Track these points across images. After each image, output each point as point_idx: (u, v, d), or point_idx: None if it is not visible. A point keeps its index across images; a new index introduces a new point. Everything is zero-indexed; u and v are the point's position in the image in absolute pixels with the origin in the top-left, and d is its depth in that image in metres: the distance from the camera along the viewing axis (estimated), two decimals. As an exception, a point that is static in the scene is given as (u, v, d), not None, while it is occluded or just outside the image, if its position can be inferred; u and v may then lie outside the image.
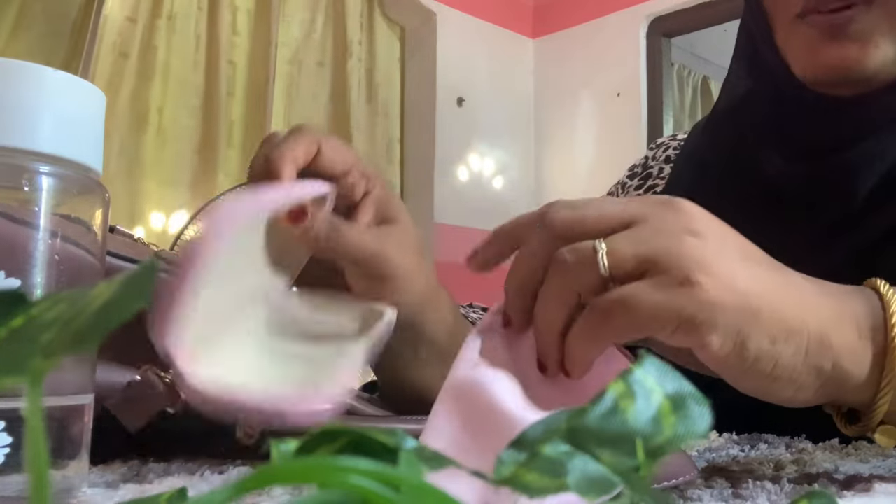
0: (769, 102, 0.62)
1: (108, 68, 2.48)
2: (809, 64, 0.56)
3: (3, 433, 0.27)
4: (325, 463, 0.11)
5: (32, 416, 0.12)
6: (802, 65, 0.56)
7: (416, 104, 3.18)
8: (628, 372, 0.16)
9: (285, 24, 2.84)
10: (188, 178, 2.63)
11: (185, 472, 0.36)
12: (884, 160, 0.55)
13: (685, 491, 0.31)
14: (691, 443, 0.45)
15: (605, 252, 0.33)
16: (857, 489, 0.32)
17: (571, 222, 0.34)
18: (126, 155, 2.51)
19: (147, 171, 2.56)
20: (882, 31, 0.53)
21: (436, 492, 0.11)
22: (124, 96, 2.51)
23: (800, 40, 0.56)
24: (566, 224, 0.34)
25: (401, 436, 0.15)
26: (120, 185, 2.47)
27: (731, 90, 0.67)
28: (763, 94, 0.62)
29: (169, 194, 2.59)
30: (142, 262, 0.25)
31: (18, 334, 0.14)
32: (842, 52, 0.53)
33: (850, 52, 0.53)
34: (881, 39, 0.53)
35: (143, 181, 2.55)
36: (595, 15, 3.28)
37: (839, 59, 0.54)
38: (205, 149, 2.65)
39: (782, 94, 0.60)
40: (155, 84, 2.57)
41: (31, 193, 0.29)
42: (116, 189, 2.43)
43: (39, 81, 0.30)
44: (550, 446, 0.15)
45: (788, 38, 0.57)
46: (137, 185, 2.54)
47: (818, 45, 0.54)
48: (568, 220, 0.34)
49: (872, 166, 0.56)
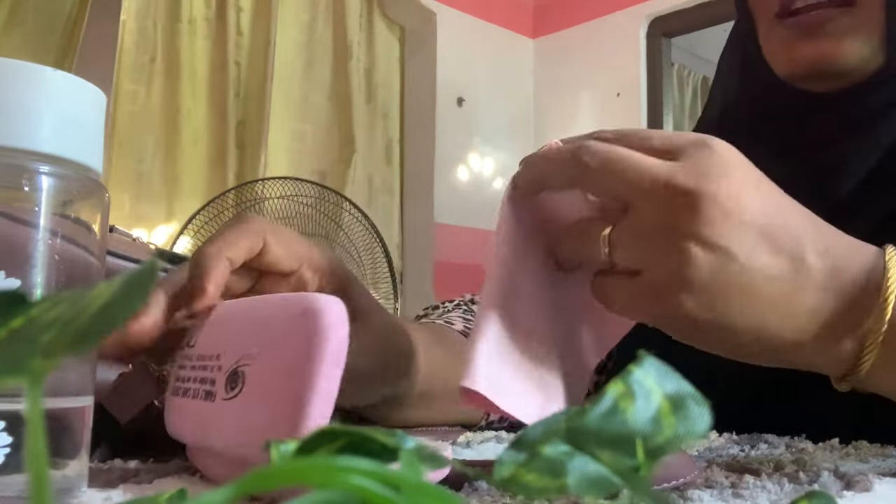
0: (754, 103, 0.63)
1: (130, 72, 2.51)
2: (786, 60, 0.58)
3: (3, 433, 0.27)
4: (325, 463, 0.11)
5: (32, 416, 0.12)
6: (780, 61, 0.58)
7: (416, 104, 3.18)
8: (628, 372, 0.16)
9: (285, 24, 2.84)
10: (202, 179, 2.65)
11: (185, 472, 0.36)
12: (864, 161, 0.56)
13: (685, 491, 0.31)
14: (691, 443, 0.46)
15: (605, 249, 0.36)
16: (857, 489, 0.32)
17: (606, 162, 0.35)
18: (160, 156, 2.55)
19: (181, 170, 2.60)
20: (857, 31, 0.55)
21: (436, 492, 0.11)
22: (155, 98, 2.55)
23: (777, 39, 0.58)
24: (601, 162, 0.35)
25: (401, 436, 0.15)
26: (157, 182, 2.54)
27: (719, 92, 0.68)
28: (749, 95, 0.63)
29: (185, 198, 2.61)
30: (142, 262, 0.25)
31: (18, 334, 0.14)
32: (816, 47, 0.55)
33: (824, 47, 0.55)
34: (856, 38, 0.55)
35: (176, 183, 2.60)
36: (595, 15, 3.28)
37: (814, 55, 0.55)
38: (214, 150, 2.67)
39: (766, 93, 0.61)
40: (182, 86, 2.60)
41: (31, 193, 0.29)
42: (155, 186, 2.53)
43: (39, 81, 0.30)
44: (550, 446, 0.15)
45: (768, 37, 0.59)
46: (173, 186, 2.59)
47: (794, 43, 0.56)
48: (603, 159, 0.35)
49: (853, 167, 0.57)
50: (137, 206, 2.52)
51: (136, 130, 2.51)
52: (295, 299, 0.32)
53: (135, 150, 2.51)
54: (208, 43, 2.69)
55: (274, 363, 0.30)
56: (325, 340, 0.29)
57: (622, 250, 0.35)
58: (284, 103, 2.84)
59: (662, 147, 0.35)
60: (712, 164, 0.34)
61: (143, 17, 2.54)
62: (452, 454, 0.43)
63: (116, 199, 2.47)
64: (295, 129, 2.88)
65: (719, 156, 0.35)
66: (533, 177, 0.38)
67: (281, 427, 0.28)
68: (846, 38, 0.55)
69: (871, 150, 0.56)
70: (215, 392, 0.32)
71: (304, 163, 2.86)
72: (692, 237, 0.34)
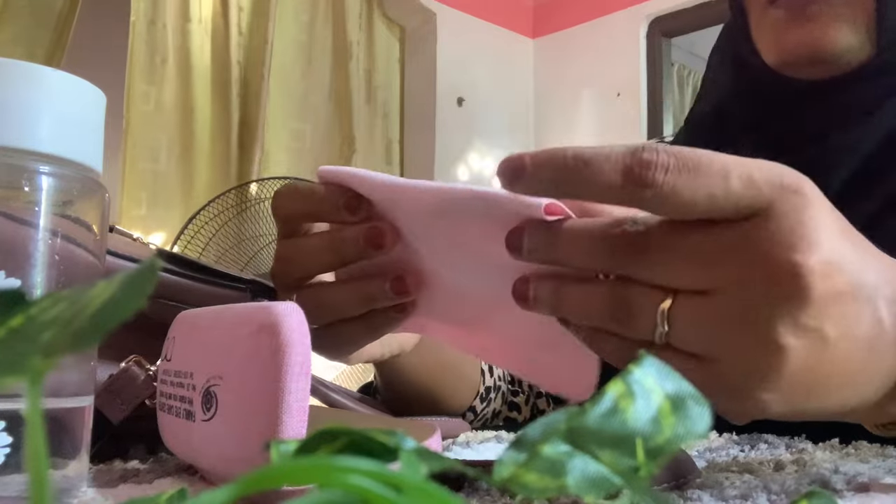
0: (747, 97, 0.63)
1: (143, 72, 2.52)
2: (775, 47, 0.58)
3: (3, 433, 0.27)
4: (325, 463, 0.11)
5: (32, 416, 0.12)
6: (769, 48, 0.59)
7: (416, 104, 3.17)
8: (628, 372, 0.16)
9: (285, 24, 2.84)
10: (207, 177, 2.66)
11: (185, 472, 0.36)
12: (855, 154, 0.56)
13: (685, 491, 0.31)
14: (691, 443, 0.46)
15: (663, 334, 0.29)
16: (856, 489, 0.32)
17: (674, 204, 0.27)
18: (174, 155, 2.57)
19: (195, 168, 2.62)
20: (845, 18, 0.55)
21: (436, 492, 0.11)
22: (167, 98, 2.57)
23: (767, 26, 0.58)
24: (672, 202, 0.27)
25: (401, 436, 0.15)
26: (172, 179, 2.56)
27: (712, 86, 0.68)
28: (741, 88, 0.64)
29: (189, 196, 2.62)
30: (142, 262, 0.25)
31: (18, 334, 0.14)
32: (803, 33, 0.56)
33: (811, 32, 0.55)
34: (843, 24, 0.55)
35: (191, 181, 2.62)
36: (595, 15, 3.28)
37: (801, 40, 0.56)
38: (221, 149, 2.67)
39: (758, 86, 0.61)
40: (192, 86, 2.62)
41: (31, 193, 0.29)
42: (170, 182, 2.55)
43: (39, 81, 0.30)
44: (550, 446, 0.15)
45: (759, 25, 0.60)
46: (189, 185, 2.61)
47: (782, 29, 0.57)
48: (675, 201, 0.27)
49: (843, 160, 0.57)
50: (154, 206, 2.53)
51: (150, 131, 2.53)
52: (252, 314, 0.30)
53: (149, 151, 2.53)
54: (214, 43, 2.69)
55: (241, 385, 0.30)
56: (286, 356, 0.28)
57: (688, 333, 0.28)
58: (284, 103, 2.84)
59: (744, 202, 0.27)
60: (809, 220, 0.27)
61: (151, 18, 2.55)
62: (453, 454, 0.43)
63: (132, 199, 2.48)
64: (295, 128, 2.88)
65: (811, 204, 0.28)
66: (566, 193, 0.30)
67: (259, 448, 0.28)
68: (834, 24, 0.55)
69: (863, 143, 0.56)
70: (194, 413, 0.32)
71: (303, 163, 2.86)
72: (787, 325, 0.27)
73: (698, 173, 0.27)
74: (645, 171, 0.27)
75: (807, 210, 0.28)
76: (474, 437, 0.50)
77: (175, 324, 0.36)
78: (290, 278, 0.39)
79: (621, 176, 0.27)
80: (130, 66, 2.48)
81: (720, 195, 0.27)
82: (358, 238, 0.36)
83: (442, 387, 0.59)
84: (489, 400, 0.65)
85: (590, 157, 0.28)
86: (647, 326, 0.29)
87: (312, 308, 0.38)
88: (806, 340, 0.27)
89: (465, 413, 0.63)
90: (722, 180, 0.27)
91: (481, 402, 0.64)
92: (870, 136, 0.56)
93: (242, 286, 0.49)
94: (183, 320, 0.36)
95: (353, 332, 0.40)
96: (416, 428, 0.38)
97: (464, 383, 0.62)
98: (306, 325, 0.29)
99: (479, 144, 3.28)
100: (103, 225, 0.33)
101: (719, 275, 0.28)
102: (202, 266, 0.48)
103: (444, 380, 0.59)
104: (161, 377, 0.36)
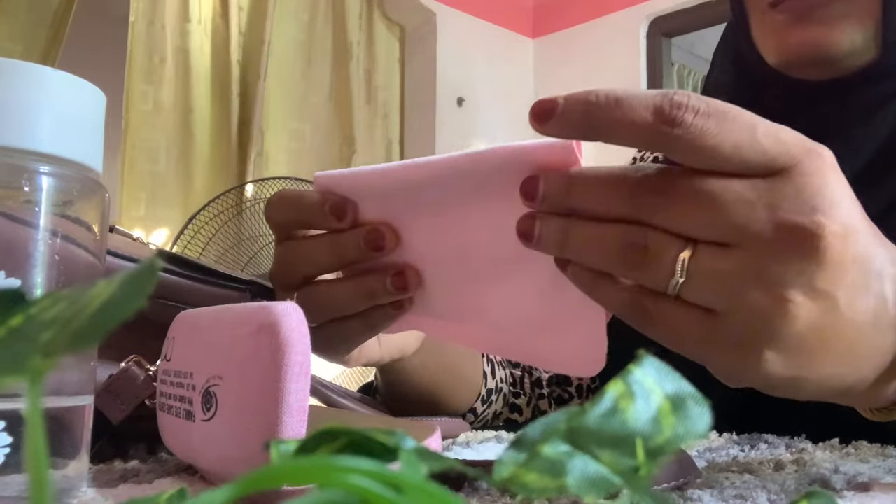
0: (749, 98, 0.63)
1: (142, 72, 2.52)
2: (778, 48, 0.57)
3: (3, 433, 0.27)
4: (325, 463, 0.11)
5: (32, 416, 0.12)
6: (771, 49, 0.58)
7: (416, 104, 3.17)
8: (628, 372, 0.16)
9: (285, 24, 2.84)
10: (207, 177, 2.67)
11: (185, 472, 0.36)
12: (857, 155, 0.56)
13: (685, 491, 0.31)
14: (691, 443, 0.46)
15: (679, 284, 0.29)
16: (856, 489, 0.32)
17: (701, 147, 0.28)
18: (174, 155, 2.58)
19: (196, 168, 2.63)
20: (850, 19, 0.54)
21: (436, 492, 0.11)
22: (165, 98, 2.58)
23: (769, 27, 0.58)
24: (698, 146, 0.28)
25: (401, 436, 0.15)
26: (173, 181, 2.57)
27: (712, 86, 0.68)
28: (743, 89, 0.63)
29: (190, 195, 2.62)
30: (142, 262, 0.25)
31: (18, 333, 0.14)
32: (807, 33, 0.55)
33: (816, 33, 0.55)
34: (847, 25, 0.54)
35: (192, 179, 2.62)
36: (595, 15, 3.28)
37: (805, 40, 0.55)
38: (221, 149, 2.68)
39: (760, 87, 0.61)
40: (191, 86, 2.63)
41: (31, 193, 0.29)
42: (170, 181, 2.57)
43: (39, 81, 0.30)
44: (550, 446, 0.15)
45: (760, 27, 0.59)
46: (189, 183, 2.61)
47: (786, 30, 0.56)
48: (701, 144, 0.28)
49: (847, 162, 0.56)
50: (153, 207, 2.54)
51: (150, 131, 2.53)
52: (252, 314, 0.30)
53: (148, 151, 2.53)
54: (213, 43, 2.70)
55: (240, 385, 0.30)
56: (286, 356, 0.28)
57: (704, 285, 0.29)
58: (284, 103, 2.84)
59: (769, 157, 0.28)
60: (833, 183, 0.28)
61: (151, 18, 2.55)
62: (453, 454, 0.43)
63: (132, 199, 2.47)
64: (294, 128, 2.89)
65: (834, 169, 0.29)
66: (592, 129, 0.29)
67: (259, 448, 0.28)
68: (838, 25, 0.54)
69: (866, 145, 0.56)
70: (194, 413, 0.32)
71: (303, 163, 2.86)
72: (802, 285, 0.28)
73: (726, 121, 0.28)
74: (676, 110, 0.28)
75: (830, 174, 0.29)
76: (474, 437, 0.50)
77: (175, 324, 0.36)
78: (289, 280, 0.39)
79: (652, 114, 0.28)
80: (130, 66, 2.49)
81: (745, 146, 0.28)
82: (358, 241, 0.36)
83: (443, 389, 0.59)
84: (490, 402, 0.65)
85: (622, 96, 0.28)
86: (663, 274, 0.29)
87: (312, 307, 0.38)
88: (818, 303, 0.28)
89: (466, 414, 0.63)
90: (749, 133, 0.28)
91: (482, 404, 0.64)
92: (872, 138, 0.56)
93: (242, 286, 0.49)
94: (183, 320, 0.36)
95: (351, 330, 0.40)
96: (416, 428, 0.38)
97: (465, 385, 0.62)
98: (306, 324, 0.29)
99: (478, 144, 3.27)
100: (103, 225, 0.33)
101: (741, 228, 0.28)
102: (202, 266, 0.48)
103: (445, 382, 0.59)
104: (161, 377, 0.36)
